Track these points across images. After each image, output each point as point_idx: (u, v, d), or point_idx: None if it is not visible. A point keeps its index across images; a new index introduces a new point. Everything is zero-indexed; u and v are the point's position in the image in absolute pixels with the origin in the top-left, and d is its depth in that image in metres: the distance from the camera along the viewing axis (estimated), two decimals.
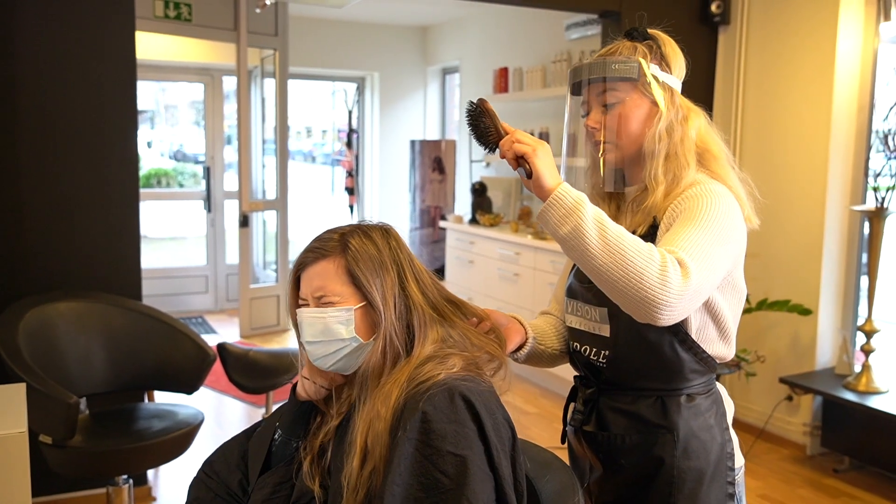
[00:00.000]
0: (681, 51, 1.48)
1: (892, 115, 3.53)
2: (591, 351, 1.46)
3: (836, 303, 3.88)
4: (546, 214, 1.23)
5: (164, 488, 3.44)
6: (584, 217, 1.20)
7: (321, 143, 13.97)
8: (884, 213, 3.52)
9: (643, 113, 1.41)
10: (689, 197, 1.34)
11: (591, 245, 1.19)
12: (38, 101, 3.05)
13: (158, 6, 5.29)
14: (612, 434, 1.42)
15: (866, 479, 3.60)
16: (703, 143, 1.43)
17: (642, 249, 1.19)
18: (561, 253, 4.60)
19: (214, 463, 1.46)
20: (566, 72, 5.24)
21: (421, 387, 1.21)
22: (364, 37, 7.17)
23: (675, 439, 1.36)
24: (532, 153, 1.25)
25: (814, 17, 3.75)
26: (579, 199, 1.22)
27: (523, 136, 1.29)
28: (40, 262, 3.10)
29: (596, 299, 1.42)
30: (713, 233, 1.27)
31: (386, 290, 1.28)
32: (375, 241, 1.31)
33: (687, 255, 1.22)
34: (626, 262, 1.17)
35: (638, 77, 1.40)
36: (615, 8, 3.96)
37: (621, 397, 1.42)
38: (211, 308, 6.94)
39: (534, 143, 1.27)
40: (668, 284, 1.17)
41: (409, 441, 1.16)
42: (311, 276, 1.29)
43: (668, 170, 1.39)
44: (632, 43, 1.44)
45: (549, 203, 1.22)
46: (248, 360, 2.96)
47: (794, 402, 3.93)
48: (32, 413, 2.11)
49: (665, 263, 1.18)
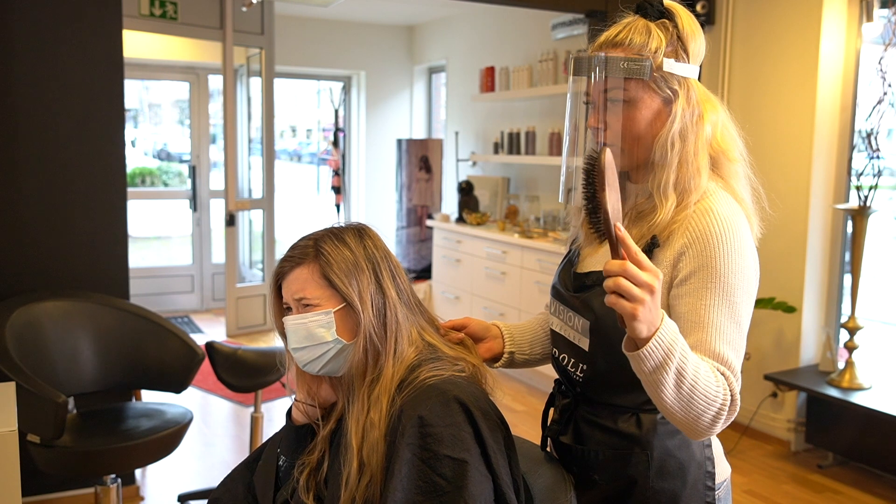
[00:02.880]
0: (698, 24, 1.33)
1: (874, 114, 3.57)
2: (570, 362, 1.39)
3: (820, 300, 3.93)
4: (630, 357, 1.13)
5: (152, 488, 3.43)
6: (668, 371, 1.11)
7: (307, 143, 13.93)
8: (866, 211, 3.56)
9: (653, 113, 1.29)
10: (701, 235, 1.24)
11: (664, 394, 1.14)
12: (25, 100, 3.04)
13: (144, 4, 5.27)
14: (586, 449, 1.37)
15: (850, 475, 3.65)
16: (719, 145, 1.33)
17: (709, 394, 1.15)
18: (547, 251, 4.62)
19: (220, 500, 1.47)
20: (553, 71, 5.26)
21: (414, 391, 1.22)
22: (350, 36, 7.16)
23: (648, 458, 1.31)
24: (634, 313, 1.06)
25: (798, 17, 3.79)
26: (668, 353, 1.10)
27: (636, 275, 1.06)
28: (27, 261, 3.08)
29: (581, 308, 1.35)
30: (739, 308, 1.23)
31: (363, 289, 1.29)
32: (348, 242, 1.33)
33: (729, 367, 1.20)
34: (690, 407, 1.15)
35: (650, 76, 1.27)
36: (601, 8, 3.99)
37: (598, 410, 1.36)
38: (197, 307, 6.92)
39: (640, 296, 1.05)
40: (719, 424, 1.19)
41: (407, 447, 1.18)
42: (290, 282, 1.32)
43: (679, 181, 1.28)
44: (645, 22, 1.30)
45: (636, 355, 1.11)
46: (236, 358, 2.95)
47: (779, 399, 3.97)
48: (20, 413, 2.10)
49: (724, 406, 1.17)
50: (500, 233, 5.27)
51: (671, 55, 1.29)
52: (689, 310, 1.23)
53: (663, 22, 1.30)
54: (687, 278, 1.24)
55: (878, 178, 3.57)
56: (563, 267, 1.46)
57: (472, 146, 6.51)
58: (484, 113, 6.36)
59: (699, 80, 1.33)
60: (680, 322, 1.23)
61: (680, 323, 1.23)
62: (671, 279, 1.27)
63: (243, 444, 3.95)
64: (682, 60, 1.30)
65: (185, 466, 3.66)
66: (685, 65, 1.30)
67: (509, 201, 5.93)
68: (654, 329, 1.09)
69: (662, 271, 1.26)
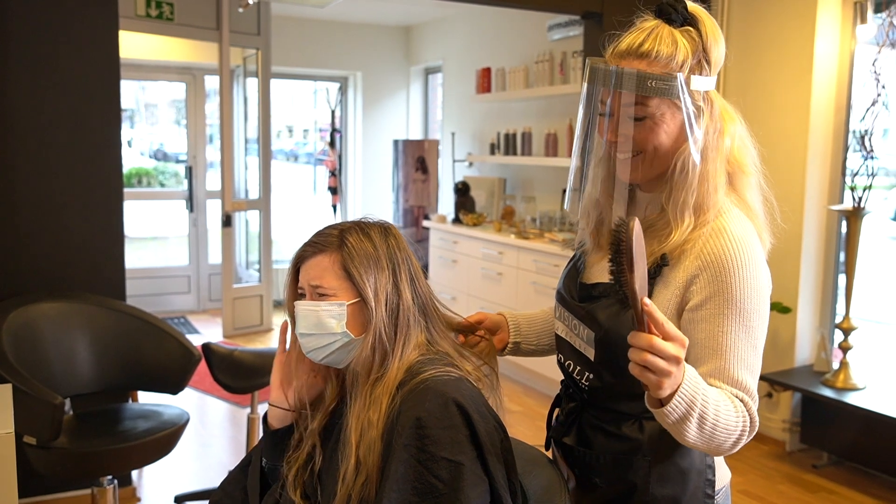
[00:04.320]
0: (720, 29, 1.28)
1: (868, 115, 3.59)
2: (576, 369, 1.38)
3: (815, 301, 3.94)
4: (654, 412, 1.14)
5: (148, 489, 3.43)
6: (691, 420, 1.13)
7: (303, 143, 13.93)
8: (861, 212, 3.58)
9: (676, 128, 1.25)
10: (715, 259, 1.22)
11: (688, 436, 1.15)
12: (21, 101, 3.04)
13: (140, 5, 5.27)
14: (588, 452, 1.37)
15: (844, 475, 3.66)
16: (735, 160, 1.30)
17: (730, 427, 1.17)
18: (543, 252, 4.63)
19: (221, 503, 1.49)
20: (549, 72, 5.27)
21: (413, 393, 1.23)
22: (347, 36, 7.17)
23: (649, 465, 1.31)
24: (660, 385, 1.06)
25: (792, 19, 3.80)
26: (690, 405, 1.11)
27: (663, 349, 1.04)
28: (23, 262, 3.08)
29: (587, 319, 1.33)
30: (756, 332, 1.23)
31: (379, 287, 1.30)
32: (373, 238, 1.33)
33: (747, 392, 1.22)
34: (712, 440, 1.17)
35: (678, 96, 1.22)
36: (597, 9, 4.00)
37: (603, 416, 1.36)
38: (193, 308, 6.92)
39: (667, 369, 1.05)
40: (740, 445, 1.21)
41: (404, 448, 1.18)
42: (309, 267, 1.32)
43: (697, 200, 1.25)
44: (670, 30, 1.23)
45: (660, 412, 1.12)
46: (233, 359, 2.96)
47: (774, 399, 3.98)
48: (17, 414, 2.10)
49: (744, 431, 1.20)
50: (497, 233, 5.27)
51: (696, 68, 1.24)
52: (707, 336, 1.22)
53: (688, 30, 1.24)
54: (702, 304, 1.23)
55: (873, 178, 3.58)
56: (569, 273, 1.44)
57: (469, 147, 6.52)
58: (480, 114, 6.37)
59: (716, 88, 1.31)
60: (697, 348, 1.23)
61: (697, 349, 1.23)
62: (682, 301, 1.25)
63: (240, 445, 3.95)
64: (706, 72, 1.26)
65: (181, 467, 3.66)
66: (708, 78, 1.26)
67: (506, 202, 5.94)
68: (676, 387, 1.09)
69: (673, 291, 1.25)
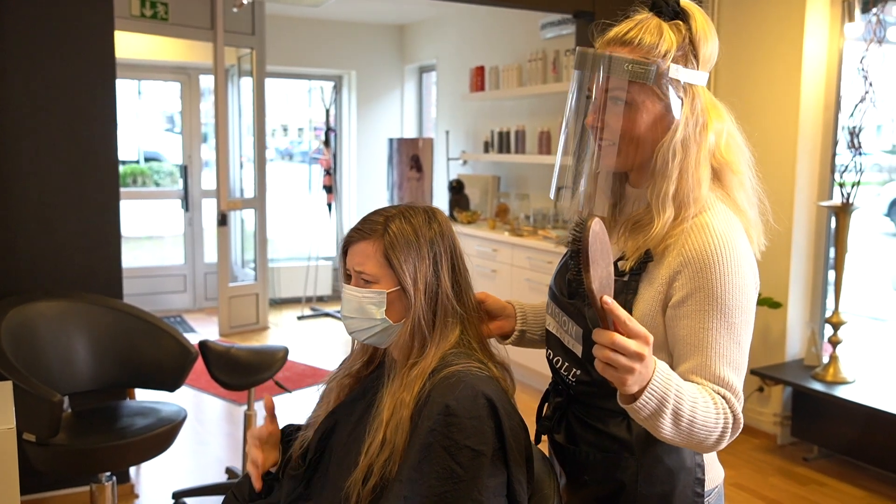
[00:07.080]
0: (714, 28, 1.29)
1: (857, 112, 3.63)
2: (563, 365, 1.39)
3: (805, 296, 3.98)
4: (626, 409, 1.14)
5: (146, 485, 3.46)
6: (664, 416, 1.13)
7: (298, 141, 13.92)
8: (850, 208, 3.61)
9: (654, 117, 1.26)
10: (697, 255, 1.22)
11: (663, 432, 1.16)
12: (17, 100, 3.06)
13: (135, 5, 5.28)
14: (577, 449, 1.37)
15: (835, 468, 3.70)
16: (723, 156, 1.30)
17: (709, 424, 1.17)
18: (537, 249, 4.66)
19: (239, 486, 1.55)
20: (542, 70, 5.30)
21: (445, 381, 1.27)
22: (341, 35, 7.19)
23: (637, 463, 1.31)
24: (623, 381, 1.07)
25: (781, 17, 3.84)
26: (662, 401, 1.11)
27: (625, 346, 1.05)
28: (21, 261, 3.10)
29: (576, 315, 1.33)
30: (739, 328, 1.22)
31: (419, 275, 1.33)
32: (416, 226, 1.36)
33: (730, 388, 1.20)
34: (690, 437, 1.17)
35: (654, 81, 1.23)
36: (589, 8, 4.03)
37: (589, 412, 1.36)
38: (189, 307, 6.93)
39: (629, 365, 1.06)
40: (724, 442, 1.20)
41: (430, 432, 1.22)
42: (354, 253, 1.37)
43: (678, 192, 1.25)
44: (658, 22, 1.25)
45: (630, 408, 1.13)
46: (229, 357, 2.99)
47: (765, 393, 4.02)
48: (16, 411, 2.13)
49: (725, 429, 1.19)
50: (491, 231, 5.30)
51: (680, 60, 1.25)
52: (689, 333, 1.23)
53: (677, 23, 1.26)
54: (684, 300, 1.23)
55: (861, 174, 3.62)
56: (560, 270, 1.45)
57: (463, 145, 6.54)
58: (474, 112, 6.39)
59: (708, 86, 1.31)
60: (679, 345, 1.24)
61: (679, 346, 1.24)
62: (666, 298, 1.26)
63: (237, 442, 3.98)
64: (692, 65, 1.26)
65: (179, 464, 3.69)
66: (693, 71, 1.26)
67: (499, 200, 5.97)
68: (645, 383, 1.09)
69: (657, 287, 1.26)
